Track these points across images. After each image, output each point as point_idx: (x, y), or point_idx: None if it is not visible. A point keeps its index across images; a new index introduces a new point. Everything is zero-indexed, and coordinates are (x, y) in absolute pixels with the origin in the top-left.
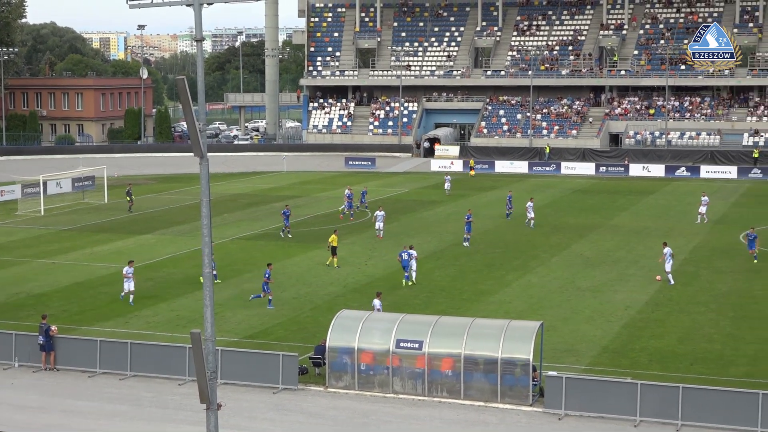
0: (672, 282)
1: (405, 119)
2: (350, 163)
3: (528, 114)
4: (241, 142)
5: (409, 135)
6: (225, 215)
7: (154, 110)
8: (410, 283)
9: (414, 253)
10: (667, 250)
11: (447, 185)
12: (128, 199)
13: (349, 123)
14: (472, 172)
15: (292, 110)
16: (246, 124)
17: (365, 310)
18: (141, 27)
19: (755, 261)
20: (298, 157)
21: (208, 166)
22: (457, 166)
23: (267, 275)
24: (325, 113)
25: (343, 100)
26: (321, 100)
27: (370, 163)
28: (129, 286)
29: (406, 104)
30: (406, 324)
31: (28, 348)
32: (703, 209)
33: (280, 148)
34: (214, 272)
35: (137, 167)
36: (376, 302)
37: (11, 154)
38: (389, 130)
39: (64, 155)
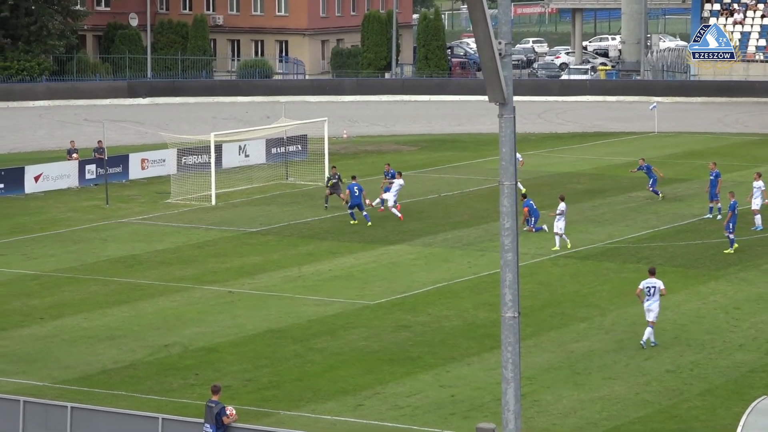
0: None
1: None
2: None
3: None
4: (574, 77)
5: None
6: (543, 212)
7: (415, 18)
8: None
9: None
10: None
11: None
12: (327, 187)
13: None
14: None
15: (672, 18)
16: (585, 44)
17: None
18: None
19: None
20: (681, 107)
21: (515, 121)
22: None
23: None
24: (736, 23)
25: None
26: None
27: None
28: None
29: None
30: None
31: None
32: None
33: (647, 88)
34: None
35: (384, 121)
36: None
37: (160, 93)
38: None
39: (254, 97)
